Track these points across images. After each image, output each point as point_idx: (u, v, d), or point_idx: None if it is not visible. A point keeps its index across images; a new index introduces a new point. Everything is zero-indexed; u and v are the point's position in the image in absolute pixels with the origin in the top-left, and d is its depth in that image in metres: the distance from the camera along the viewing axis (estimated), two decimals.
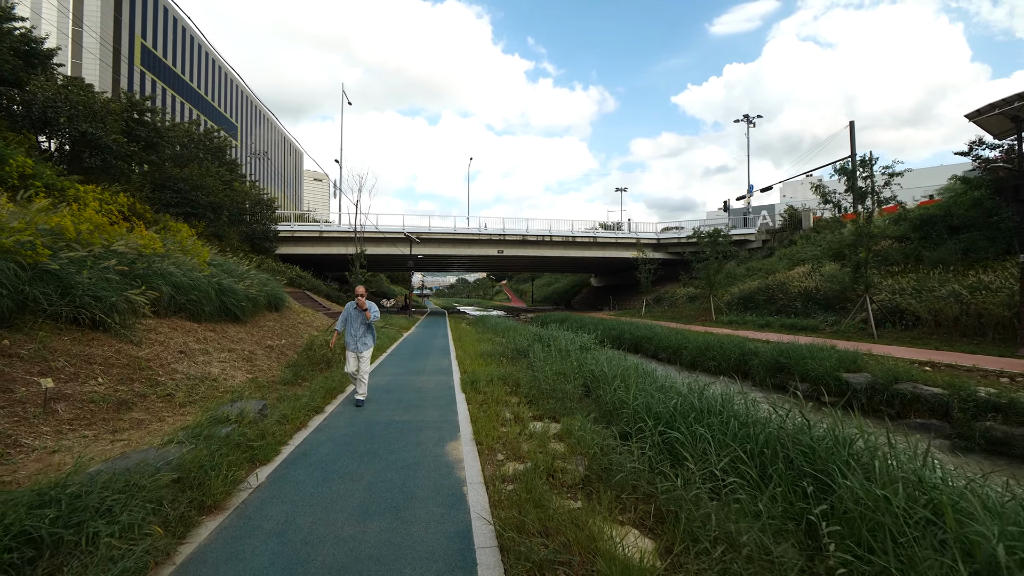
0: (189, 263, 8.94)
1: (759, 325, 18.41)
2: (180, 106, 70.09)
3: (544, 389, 6.11)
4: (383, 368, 9.24)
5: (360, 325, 6.15)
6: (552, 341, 9.30)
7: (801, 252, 26.39)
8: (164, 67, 69.92)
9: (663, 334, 14.92)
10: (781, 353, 9.85)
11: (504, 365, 8.97)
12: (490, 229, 33.83)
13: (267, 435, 4.34)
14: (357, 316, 6.17)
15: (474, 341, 13.74)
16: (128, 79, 60.14)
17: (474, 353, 10.58)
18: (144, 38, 65.27)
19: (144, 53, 65.04)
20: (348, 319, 6.19)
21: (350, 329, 6.16)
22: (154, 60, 67.92)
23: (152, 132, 20.90)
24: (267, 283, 13.56)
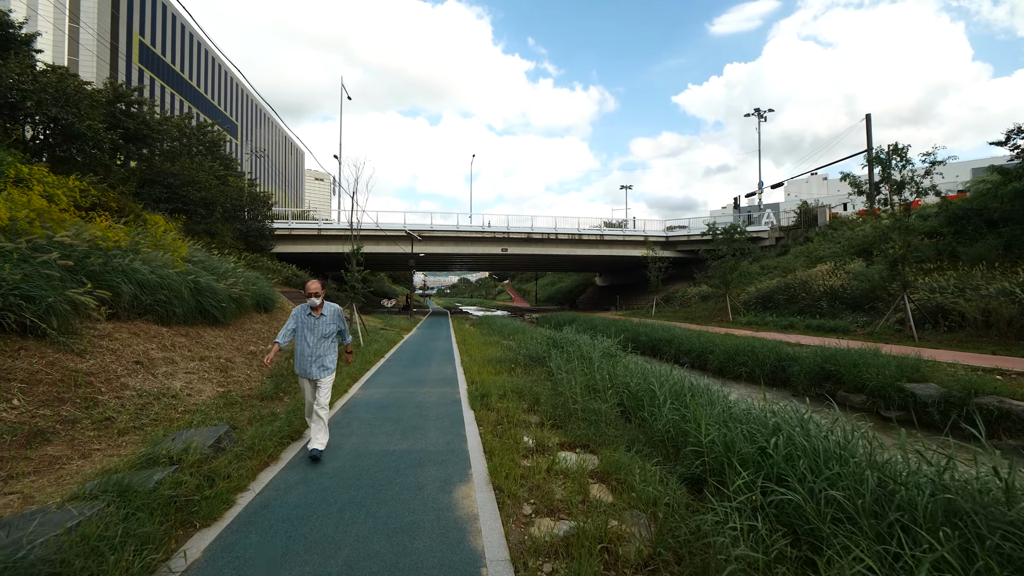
0: (161, 259, 7.90)
1: (781, 326, 17.29)
2: (180, 104, 69.27)
3: (571, 408, 5.04)
4: (379, 378, 8.18)
5: (317, 338, 4.25)
6: (570, 346, 8.23)
7: (819, 249, 25.27)
8: (163, 65, 69.10)
9: (683, 336, 13.84)
10: (827, 359, 8.76)
11: (517, 374, 7.91)
12: (494, 226, 32.79)
13: (219, 479, 3.29)
14: (311, 325, 4.27)
15: (480, 344, 12.69)
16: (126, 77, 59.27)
17: (481, 359, 9.53)
18: (143, 35, 64.44)
19: (143, 50, 64.21)
20: (297, 330, 4.30)
21: (301, 344, 4.25)
22: (153, 58, 67.11)
23: (141, 124, 19.94)
24: (256, 282, 12.53)
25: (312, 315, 4.29)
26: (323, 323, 4.30)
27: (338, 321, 4.42)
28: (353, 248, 12.79)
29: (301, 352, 4.26)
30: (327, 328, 4.32)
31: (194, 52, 77.55)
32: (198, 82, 77.97)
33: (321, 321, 4.29)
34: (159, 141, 21.04)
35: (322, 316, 4.30)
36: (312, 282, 4.37)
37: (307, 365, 4.23)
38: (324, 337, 4.30)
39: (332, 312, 4.39)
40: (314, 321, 4.29)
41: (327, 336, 4.33)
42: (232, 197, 23.70)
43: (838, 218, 29.58)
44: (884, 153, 13.31)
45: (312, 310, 4.30)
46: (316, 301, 4.28)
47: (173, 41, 72.23)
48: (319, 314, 4.29)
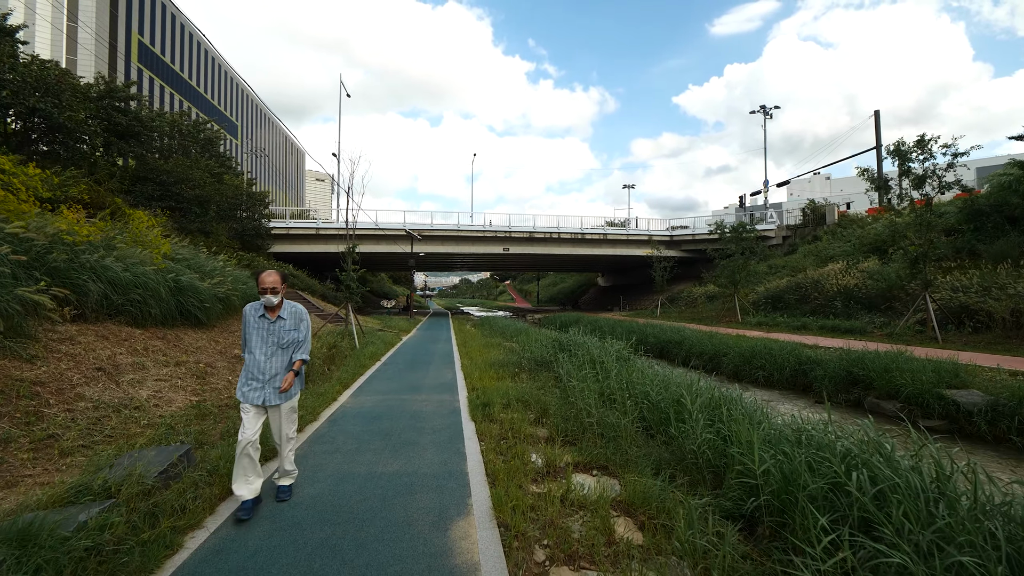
0: (138, 256, 7.34)
1: (793, 327, 16.68)
2: (180, 104, 68.87)
3: (585, 422, 4.44)
4: (373, 384, 7.60)
5: (273, 349, 3.22)
6: (578, 349, 7.63)
7: (828, 248, 24.65)
8: (163, 64, 68.75)
9: (694, 337, 13.23)
10: (853, 363, 8.15)
11: (522, 380, 7.32)
12: (495, 226, 32.23)
13: (164, 516, 2.71)
14: (264, 331, 3.23)
15: (481, 347, 12.10)
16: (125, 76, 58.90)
17: (482, 363, 8.94)
18: (142, 35, 64.08)
19: (142, 50, 63.85)
20: (246, 337, 3.26)
21: (250, 356, 3.22)
22: (152, 58, 66.76)
23: (133, 121, 19.40)
24: (246, 281, 11.97)
25: (266, 318, 3.24)
26: (281, 329, 3.26)
27: (299, 327, 3.37)
28: (349, 246, 12.22)
29: (249, 369, 3.19)
30: (287, 335, 3.27)
31: (194, 52, 77.24)
32: (198, 82, 77.62)
33: (279, 326, 3.25)
34: (152, 138, 20.47)
35: (280, 320, 3.27)
36: (268, 273, 3.24)
37: (256, 385, 3.15)
38: (282, 348, 3.26)
39: (292, 315, 3.35)
40: (269, 326, 3.23)
41: (286, 346, 3.28)
42: (228, 196, 23.16)
43: (847, 216, 28.93)
44: (904, 146, 12.69)
45: (267, 311, 3.25)
46: (273, 299, 3.19)
47: (173, 41, 71.91)
48: (276, 316, 3.26)
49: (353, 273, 12.27)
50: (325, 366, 8.37)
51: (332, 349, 8.95)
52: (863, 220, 27.07)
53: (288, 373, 3.24)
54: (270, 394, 3.20)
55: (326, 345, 9.07)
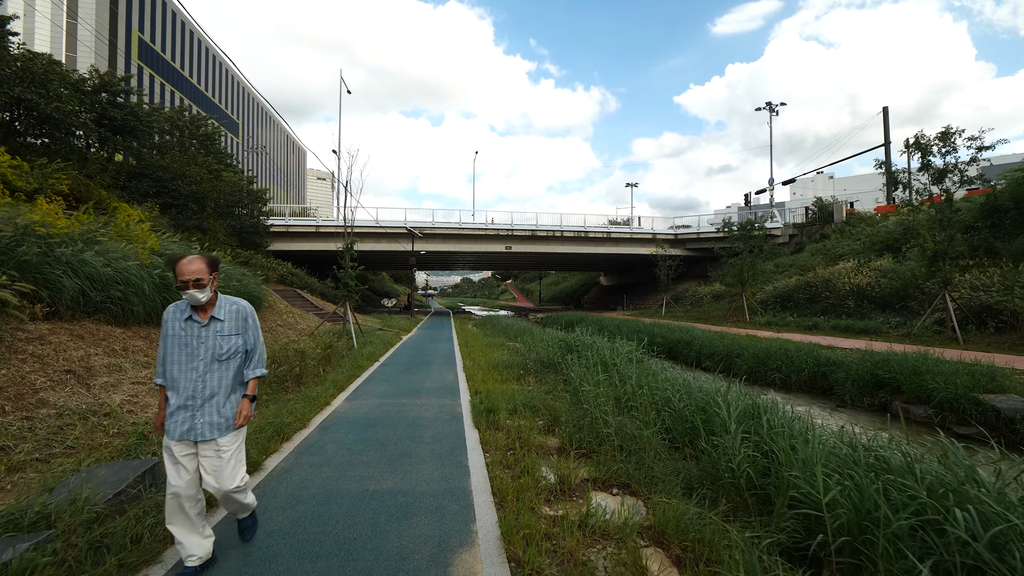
0: (121, 251, 6.93)
1: (804, 327, 16.21)
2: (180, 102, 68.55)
3: (601, 432, 4.01)
4: (370, 386, 7.17)
5: (206, 361, 2.35)
6: (587, 350, 7.20)
7: (837, 246, 24.18)
8: (163, 62, 68.47)
9: (704, 337, 12.77)
10: (878, 365, 7.70)
11: (528, 383, 6.89)
12: (497, 224, 31.81)
13: (112, 551, 2.28)
14: (190, 338, 2.34)
15: (483, 347, 11.67)
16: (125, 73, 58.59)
17: (486, 364, 8.51)
18: (142, 32, 63.77)
19: (142, 47, 63.56)
20: (167, 348, 2.35)
21: (176, 376, 2.33)
22: (153, 55, 66.48)
23: (128, 115, 19.03)
24: (241, 278, 11.58)
25: (195, 320, 2.33)
26: (218, 335, 2.35)
27: (245, 330, 2.46)
28: (346, 243, 11.80)
29: (177, 387, 2.30)
30: (226, 343, 2.36)
31: (195, 50, 76.97)
32: (199, 80, 77.36)
33: (213, 331, 2.34)
34: (149, 133, 20.10)
35: (215, 322, 2.36)
36: (188, 260, 2.27)
37: (186, 415, 2.27)
38: (219, 359, 2.34)
39: (234, 315, 2.43)
40: (199, 332, 2.32)
41: (226, 357, 2.36)
42: (226, 192, 22.78)
43: (855, 214, 28.41)
44: (924, 139, 12.22)
45: (195, 312, 2.34)
46: (198, 296, 2.26)
47: (174, 39, 71.63)
48: (208, 318, 2.35)
49: (351, 271, 11.84)
50: (320, 367, 7.95)
51: (327, 349, 8.53)
52: (872, 218, 26.59)
53: (242, 400, 2.46)
54: (203, 425, 2.27)
55: (321, 345, 8.65)
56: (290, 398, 5.97)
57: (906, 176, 13.03)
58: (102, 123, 18.90)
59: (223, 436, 2.34)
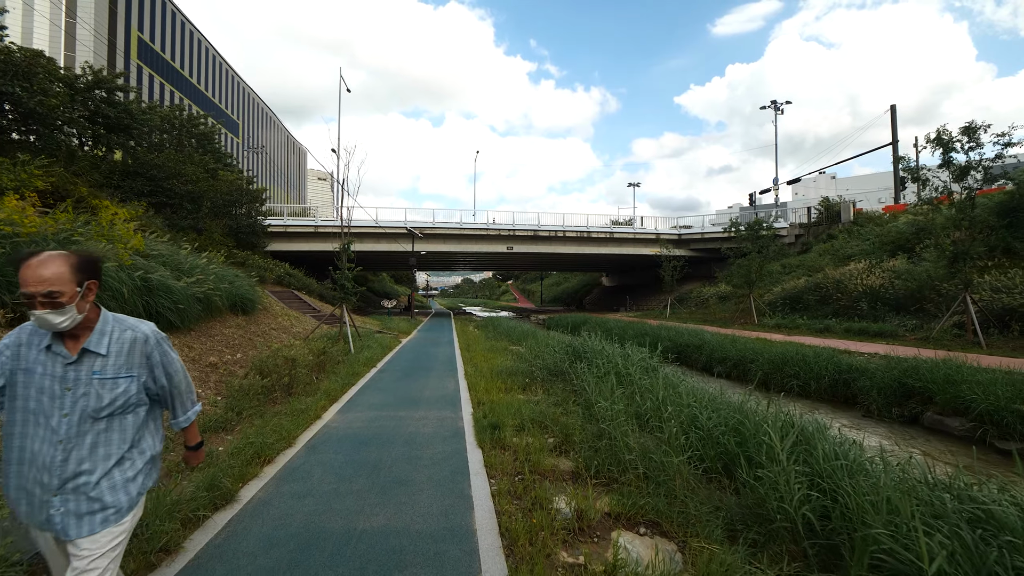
0: (100, 251, 6.48)
1: (816, 330, 15.73)
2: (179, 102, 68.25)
3: (623, 457, 3.54)
4: (365, 396, 6.72)
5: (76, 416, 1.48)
6: (597, 357, 6.74)
7: (846, 247, 23.73)
8: (163, 62, 68.19)
9: (714, 341, 12.30)
10: (907, 373, 7.23)
11: (535, 392, 6.44)
12: (499, 224, 31.37)
13: None
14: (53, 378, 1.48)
15: (485, 351, 11.21)
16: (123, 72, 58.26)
17: (488, 371, 8.05)
18: (141, 32, 63.48)
19: (141, 47, 63.27)
20: (6, 392, 1.50)
21: (22, 432, 1.47)
22: (152, 55, 66.20)
23: (122, 113, 18.62)
24: (234, 280, 11.13)
25: (57, 352, 1.51)
26: (92, 378, 1.52)
27: (144, 370, 1.63)
28: (343, 242, 11.35)
29: (20, 456, 1.47)
30: (107, 392, 1.53)
31: (195, 50, 76.71)
32: (199, 80, 77.08)
33: (86, 372, 1.52)
34: (144, 132, 19.69)
35: (91, 358, 1.53)
36: (40, 261, 1.42)
37: (41, 496, 1.46)
38: (95, 417, 1.51)
39: (126, 346, 1.59)
40: (62, 371, 1.50)
41: (106, 412, 1.53)
42: (223, 192, 22.35)
43: (863, 214, 27.92)
44: (946, 134, 11.74)
45: (58, 339, 1.52)
46: (54, 319, 1.43)
47: (173, 39, 71.36)
48: (78, 351, 1.52)
49: (348, 272, 11.39)
50: (312, 375, 7.50)
51: (321, 356, 8.07)
52: (880, 218, 26.13)
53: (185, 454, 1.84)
54: (63, 517, 1.46)
55: (314, 352, 8.19)
56: (278, 411, 5.52)
57: (927, 173, 12.53)
58: (95, 120, 18.53)
59: (91, 535, 1.47)
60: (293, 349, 7.10)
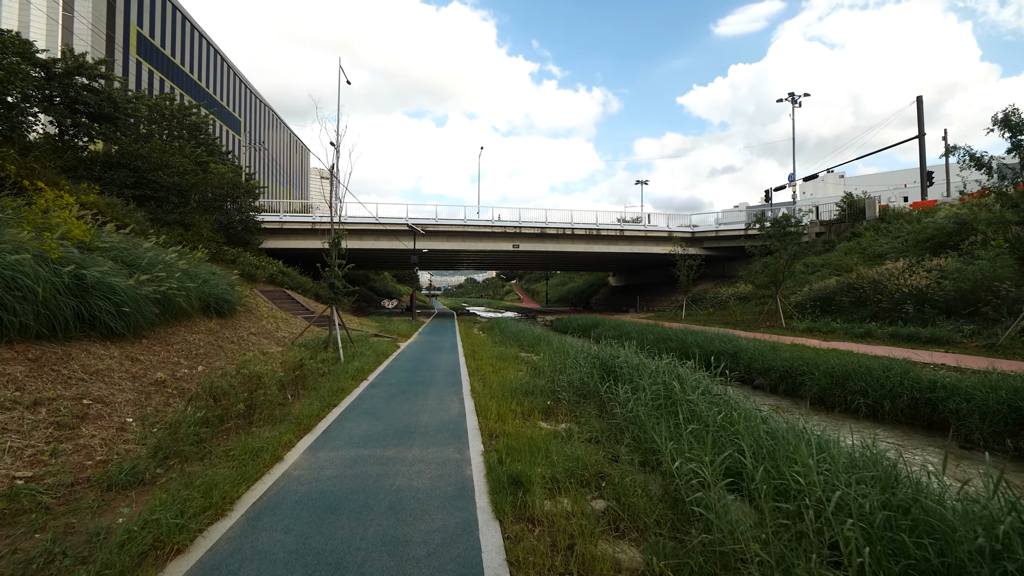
0: (16, 240, 5.18)
1: (855, 335, 14.29)
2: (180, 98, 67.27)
3: (730, 557, 2.17)
4: (348, 423, 5.37)
5: None
6: (639, 375, 5.38)
7: (874, 245, 22.26)
8: (164, 58, 67.21)
9: (752, 348, 10.89)
10: (1017, 394, 5.83)
11: (559, 419, 5.08)
12: (504, 221, 30.02)
13: None
14: None
15: (494, 359, 9.87)
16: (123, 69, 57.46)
17: (499, 387, 6.70)
18: (141, 27, 62.48)
19: (141, 42, 62.27)
20: None
21: None
22: (153, 51, 65.23)
23: (103, 100, 17.39)
24: (209, 278, 9.85)
25: None
26: None
27: None
28: (333, 235, 10.02)
29: None
30: None
31: (197, 47, 75.76)
32: (200, 77, 76.07)
33: None
34: (128, 121, 18.44)
35: None
36: None
37: None
38: None
39: None
40: None
41: None
42: (213, 185, 21.10)
43: (890, 210, 26.38)
44: (1015, 115, 10.30)
45: None
46: None
47: (174, 35, 70.44)
48: None
49: (338, 270, 10.06)
50: (287, 393, 6.17)
51: (297, 371, 6.72)
52: (910, 214, 24.64)
53: None
54: None
55: (289, 365, 6.85)
56: (229, 449, 4.19)
57: (989, 158, 11.06)
58: (76, 108, 17.33)
59: None
60: (258, 363, 5.76)
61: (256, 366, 5.62)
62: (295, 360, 6.68)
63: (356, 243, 28.86)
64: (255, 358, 7.60)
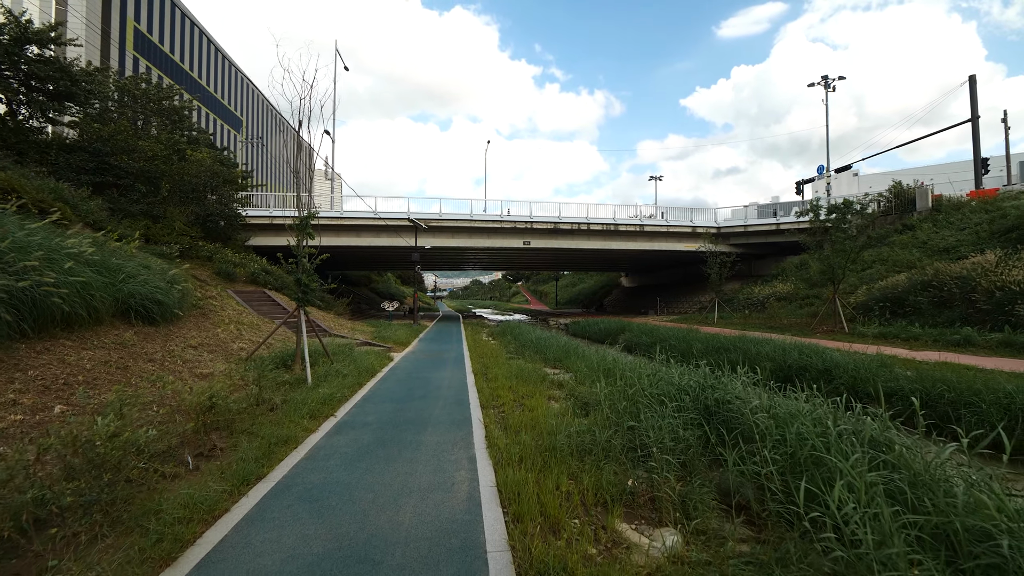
0: None
1: (950, 343, 11.66)
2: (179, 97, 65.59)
3: None
4: (259, 533, 2.91)
5: None
6: (783, 426, 2.88)
7: (937, 237, 19.61)
8: (162, 55, 65.56)
9: (848, 363, 8.30)
10: None
11: (665, 522, 2.55)
12: (514, 215, 27.56)
13: None
14: None
15: (513, 378, 7.40)
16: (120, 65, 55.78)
17: (531, 433, 4.22)
18: (138, 22, 60.86)
19: (138, 37, 60.64)
20: None
21: None
22: (151, 47, 63.60)
23: (56, 72, 15.16)
24: (138, 273, 7.46)
25: None
26: None
27: None
28: (302, 213, 7.60)
29: None
30: None
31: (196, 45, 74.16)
32: (200, 74, 74.43)
33: None
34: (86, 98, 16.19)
35: None
36: None
37: None
38: None
39: None
40: None
41: None
42: (192, 174, 18.82)
43: (944, 200, 23.63)
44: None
45: None
46: None
47: (173, 32, 68.86)
48: None
49: (308, 262, 7.63)
50: (186, 453, 3.72)
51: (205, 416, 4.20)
52: (969, 204, 21.96)
53: None
54: None
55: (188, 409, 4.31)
56: None
57: None
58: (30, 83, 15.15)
59: None
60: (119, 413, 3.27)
61: (108, 426, 3.14)
62: (201, 399, 4.14)
63: (354, 240, 26.58)
64: (171, 386, 5.17)
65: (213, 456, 3.99)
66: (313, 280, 7.85)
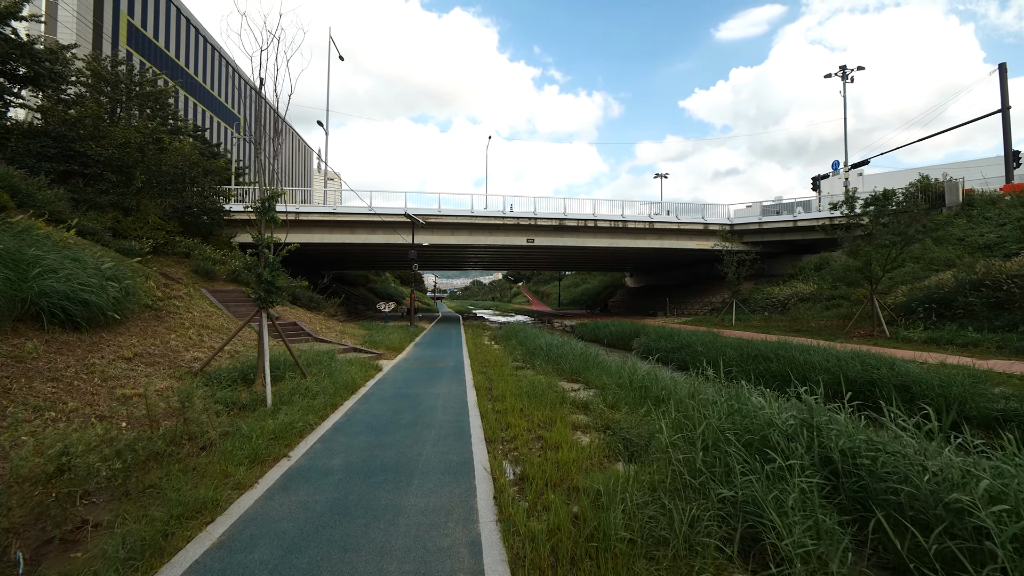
0: None
1: (1017, 349, 10.22)
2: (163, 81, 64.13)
3: None
4: None
5: None
6: None
7: (974, 233, 18.23)
8: (156, 50, 64.12)
9: (930, 379, 6.87)
10: None
11: None
12: (517, 211, 26.14)
13: None
14: None
15: (523, 395, 5.97)
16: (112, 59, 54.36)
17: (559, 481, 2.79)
18: (131, 16, 59.49)
19: (131, 32, 59.25)
20: None
21: None
22: (144, 41, 62.18)
23: (14, 49, 13.76)
24: (60, 266, 6.05)
25: None
26: None
27: None
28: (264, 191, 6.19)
29: None
30: None
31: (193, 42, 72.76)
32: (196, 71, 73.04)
33: None
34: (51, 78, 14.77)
35: None
36: None
37: None
38: None
39: None
40: None
41: None
42: (171, 164, 17.39)
43: (976, 195, 22.20)
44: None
45: None
46: None
47: (168, 27, 67.43)
48: None
49: (271, 255, 6.21)
50: (25, 539, 2.27)
51: (46, 487, 2.76)
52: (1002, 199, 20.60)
53: None
54: None
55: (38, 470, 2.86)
56: None
57: None
58: None
59: None
60: None
61: None
62: (58, 452, 2.68)
63: (348, 236, 25.17)
64: (9, 433, 3.74)
65: (77, 541, 2.56)
66: (280, 276, 6.42)
